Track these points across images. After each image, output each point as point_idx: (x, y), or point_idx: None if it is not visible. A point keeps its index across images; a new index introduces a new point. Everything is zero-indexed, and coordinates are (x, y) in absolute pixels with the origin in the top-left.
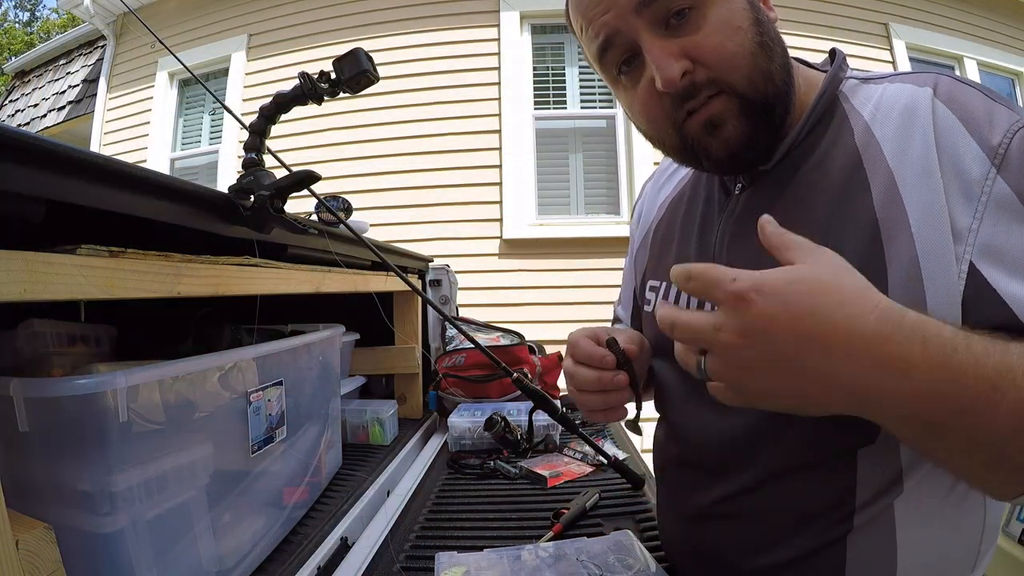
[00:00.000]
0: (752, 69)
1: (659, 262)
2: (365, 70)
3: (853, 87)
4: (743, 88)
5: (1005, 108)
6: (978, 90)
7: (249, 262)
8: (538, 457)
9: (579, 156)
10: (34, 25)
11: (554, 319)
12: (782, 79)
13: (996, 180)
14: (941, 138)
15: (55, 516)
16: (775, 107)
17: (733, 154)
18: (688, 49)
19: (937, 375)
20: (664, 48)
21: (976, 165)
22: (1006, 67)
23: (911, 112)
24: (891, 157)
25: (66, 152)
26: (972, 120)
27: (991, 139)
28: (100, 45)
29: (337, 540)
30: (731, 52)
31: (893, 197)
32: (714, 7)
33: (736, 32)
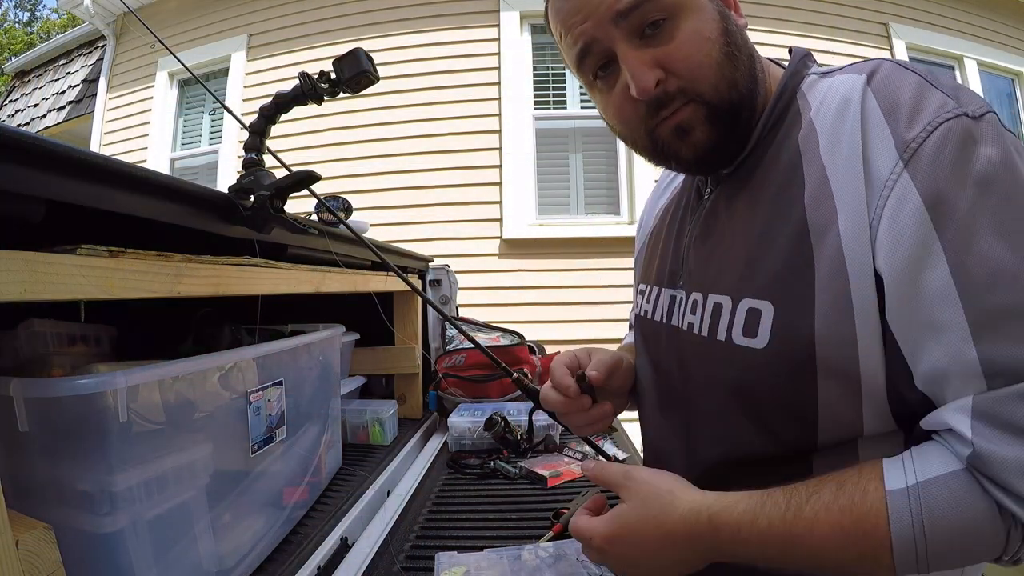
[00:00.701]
0: (719, 78)
1: (647, 268)
2: (365, 70)
3: (812, 83)
4: (710, 96)
5: (939, 96)
6: (917, 75)
7: (249, 262)
8: (538, 457)
9: (579, 156)
10: (34, 25)
11: (554, 319)
12: (747, 85)
13: (901, 176)
14: (867, 131)
15: (55, 516)
16: (740, 112)
17: (700, 158)
18: (661, 59)
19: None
20: (639, 58)
21: (886, 160)
22: (1006, 67)
23: (845, 104)
24: (824, 152)
25: (66, 152)
26: (895, 110)
27: (907, 132)
28: (100, 45)
29: (337, 540)
30: (699, 63)
31: (824, 192)
32: (686, 19)
33: (705, 43)
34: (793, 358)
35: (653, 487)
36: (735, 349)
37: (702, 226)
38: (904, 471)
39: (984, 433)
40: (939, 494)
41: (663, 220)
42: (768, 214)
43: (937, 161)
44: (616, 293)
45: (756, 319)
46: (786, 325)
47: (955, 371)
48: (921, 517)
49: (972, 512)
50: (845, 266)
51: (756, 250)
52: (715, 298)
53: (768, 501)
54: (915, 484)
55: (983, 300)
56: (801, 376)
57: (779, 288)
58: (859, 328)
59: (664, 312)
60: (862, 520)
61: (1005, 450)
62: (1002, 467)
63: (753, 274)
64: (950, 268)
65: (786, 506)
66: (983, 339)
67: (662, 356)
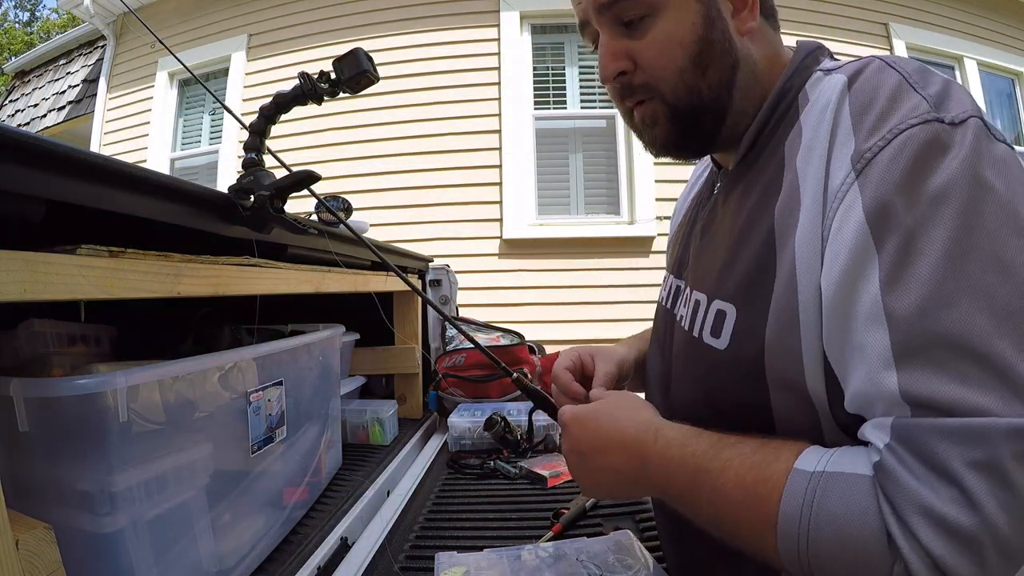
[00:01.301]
0: (677, 83)
1: (671, 257)
2: (365, 70)
3: (816, 80)
4: (669, 98)
5: (914, 99)
6: (900, 75)
7: (249, 262)
8: (538, 457)
9: (579, 156)
10: (34, 25)
11: (554, 319)
12: (712, 94)
13: (851, 188)
14: (834, 136)
15: (55, 516)
16: (701, 117)
17: (664, 148)
18: (631, 52)
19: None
20: (609, 47)
21: (841, 170)
22: (1006, 67)
23: (825, 107)
24: (800, 158)
25: (66, 152)
26: (862, 116)
27: (865, 141)
28: (100, 45)
29: (337, 540)
30: (661, 65)
31: (793, 201)
32: (662, 20)
33: (673, 47)
34: (747, 363)
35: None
36: (703, 347)
37: (704, 221)
38: (819, 458)
39: (896, 451)
40: (837, 489)
41: (689, 211)
42: (749, 217)
43: (889, 172)
44: (616, 293)
45: (722, 320)
46: (744, 330)
47: (877, 397)
48: (812, 504)
49: (861, 521)
50: (796, 279)
51: (732, 253)
52: (696, 294)
53: (703, 435)
54: (821, 472)
55: (910, 326)
56: (754, 382)
57: (743, 293)
58: (804, 343)
59: (671, 301)
60: (762, 483)
61: (909, 476)
62: (902, 491)
63: (727, 275)
64: (881, 288)
65: (713, 443)
66: (906, 367)
67: (663, 342)
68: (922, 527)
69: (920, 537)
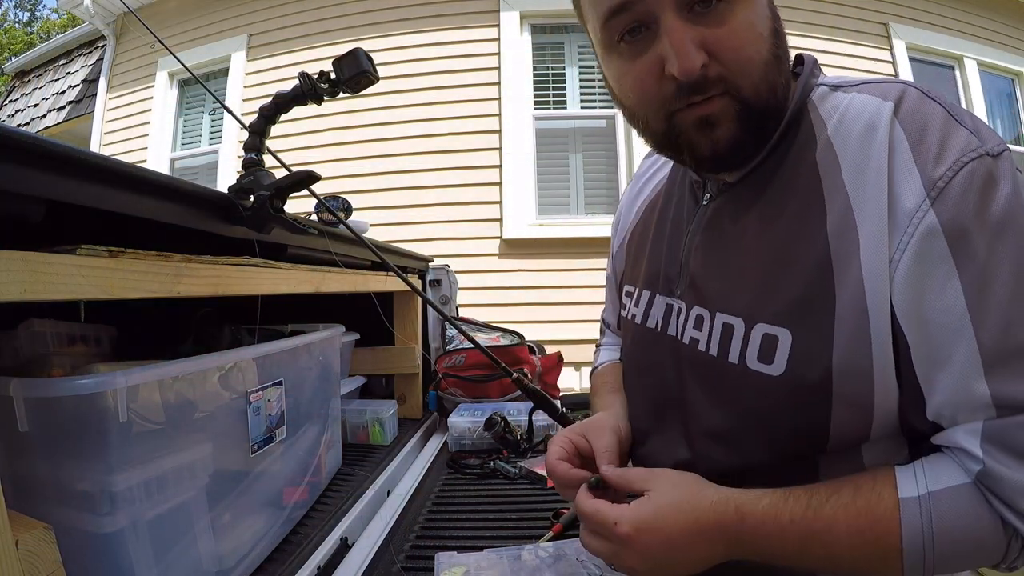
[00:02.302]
0: (762, 79)
1: (634, 268)
2: (365, 70)
3: (823, 95)
4: (748, 94)
5: (965, 132)
6: (943, 107)
7: (249, 262)
8: (538, 457)
9: (579, 156)
10: (34, 25)
11: (554, 319)
12: (784, 93)
13: (928, 214)
14: (893, 161)
15: (55, 516)
16: (769, 117)
17: (718, 154)
18: (709, 42)
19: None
20: (687, 35)
21: (913, 196)
22: (1006, 67)
23: (871, 130)
24: (848, 180)
25: (66, 152)
26: (922, 145)
27: (934, 170)
28: (100, 45)
29: (337, 540)
30: (748, 57)
31: (847, 222)
32: (743, 6)
33: (758, 39)
34: (809, 387)
35: (682, 476)
36: (749, 374)
37: (704, 235)
38: (916, 480)
39: (993, 454)
40: (949, 504)
41: (649, 216)
42: (786, 237)
43: (963, 201)
44: None
45: (772, 345)
46: (804, 354)
47: (966, 404)
48: (931, 525)
49: (978, 523)
50: (865, 300)
51: (772, 274)
52: (725, 318)
53: (790, 498)
54: (926, 494)
55: (996, 338)
56: (816, 403)
57: (798, 316)
58: (875, 363)
59: (659, 320)
60: (877, 523)
61: (1011, 471)
62: (1008, 486)
63: (769, 298)
64: (967, 306)
65: (807, 503)
66: (994, 375)
67: (658, 365)
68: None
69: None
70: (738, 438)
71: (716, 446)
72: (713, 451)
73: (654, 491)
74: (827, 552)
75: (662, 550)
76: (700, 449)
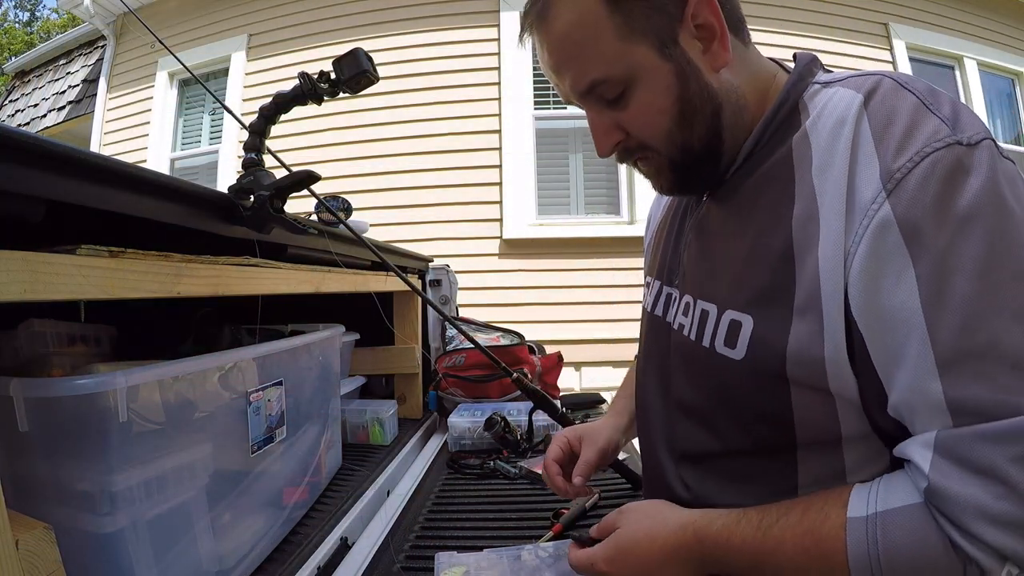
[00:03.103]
0: (668, 144)
1: (651, 261)
2: (365, 70)
3: (813, 92)
4: (667, 155)
5: (935, 121)
6: (916, 96)
7: (249, 262)
8: (538, 457)
9: (579, 156)
10: (34, 25)
11: (554, 319)
12: (703, 144)
13: (883, 206)
14: (856, 156)
15: (55, 516)
16: (698, 166)
17: (672, 191)
18: (621, 122)
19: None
20: (598, 125)
21: (869, 188)
22: (1006, 67)
23: (840, 124)
24: (816, 174)
25: (66, 152)
26: (886, 136)
27: (894, 161)
28: (100, 45)
29: (337, 540)
30: (650, 133)
31: (811, 214)
32: (639, 89)
33: (655, 115)
34: (767, 371)
35: (644, 509)
36: (716, 357)
37: (696, 229)
38: (868, 499)
39: (942, 469)
40: (896, 525)
41: (668, 214)
42: (758, 228)
43: (920, 193)
44: (616, 293)
45: (736, 331)
46: (762, 340)
47: (921, 404)
48: (877, 546)
49: (926, 545)
50: (820, 291)
51: (744, 262)
52: (703, 304)
53: (743, 520)
54: (874, 514)
55: (952, 338)
56: (775, 387)
57: (760, 303)
58: (827, 352)
59: (662, 308)
60: (822, 543)
61: (960, 488)
62: (955, 504)
63: (740, 287)
64: (922, 304)
65: (758, 525)
66: (949, 376)
67: (658, 349)
68: (982, 527)
69: (983, 537)
70: (711, 418)
71: (693, 426)
72: (693, 431)
73: (621, 527)
74: (777, 570)
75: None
76: (680, 429)
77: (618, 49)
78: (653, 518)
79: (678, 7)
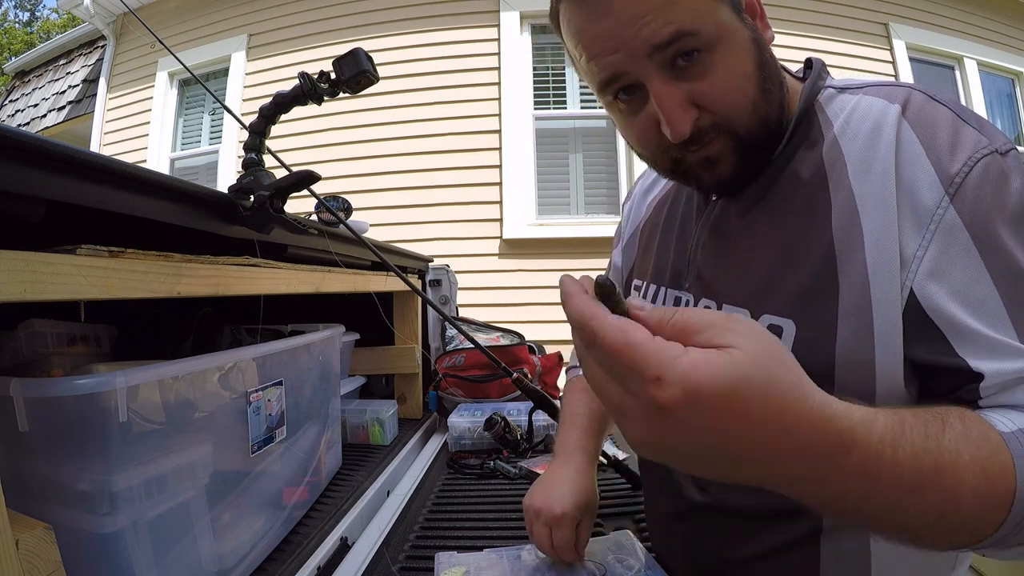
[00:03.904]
0: (752, 117)
1: (642, 263)
2: (365, 70)
3: (830, 96)
4: (743, 132)
5: (974, 131)
6: (949, 109)
7: (249, 262)
8: (538, 457)
9: (579, 156)
10: (34, 25)
11: (554, 319)
12: (777, 119)
13: (948, 209)
14: (902, 161)
15: (55, 516)
16: (767, 144)
17: (723, 184)
18: (696, 96)
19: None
20: (673, 97)
21: (931, 192)
22: (1006, 67)
23: (878, 130)
24: (854, 178)
25: (66, 152)
26: (934, 144)
27: (949, 167)
28: (100, 45)
29: (337, 540)
30: (735, 103)
31: (852, 219)
32: (722, 52)
33: (742, 80)
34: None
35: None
36: None
37: (711, 231)
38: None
39: None
40: None
41: (658, 214)
42: (792, 232)
43: (980, 195)
44: None
45: (778, 335)
46: (807, 345)
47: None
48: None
49: None
50: (870, 294)
51: (778, 267)
52: (730, 308)
53: (906, 423)
54: (1019, 430)
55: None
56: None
57: (802, 308)
58: (878, 355)
59: None
60: (995, 457)
61: None
62: None
63: (775, 290)
64: (999, 292)
65: (926, 432)
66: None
67: None
68: None
69: None
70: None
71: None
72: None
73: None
74: (944, 497)
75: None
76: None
77: (708, 3)
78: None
79: None
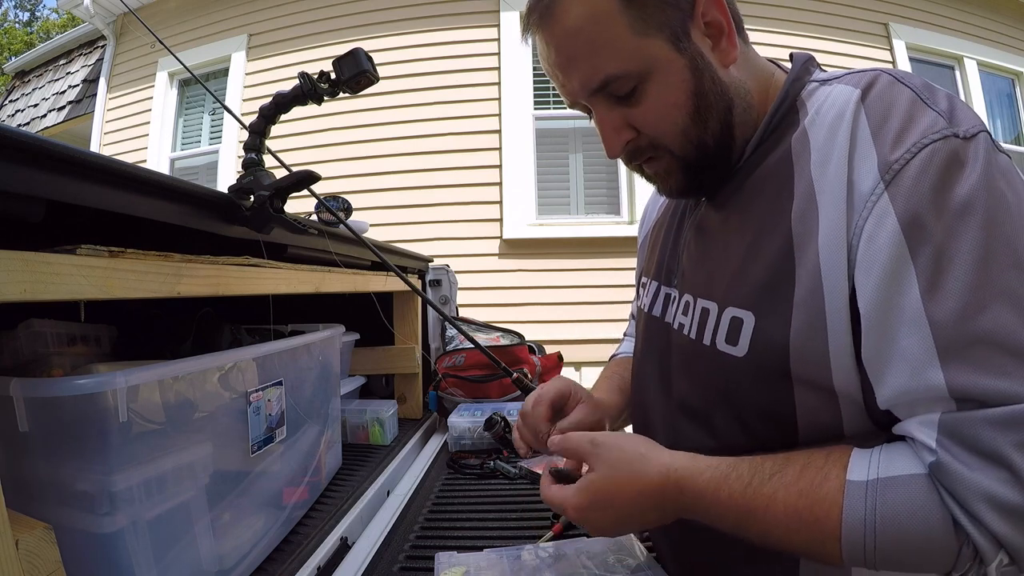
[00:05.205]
0: (683, 143)
1: (648, 261)
2: (365, 70)
3: (812, 90)
4: (678, 152)
5: (930, 115)
6: (912, 90)
7: (249, 262)
8: (538, 457)
9: (579, 156)
10: (34, 25)
11: (554, 319)
12: (716, 141)
13: (882, 196)
14: (854, 148)
15: (55, 516)
16: (711, 165)
17: (680, 194)
18: (631, 119)
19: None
20: (609, 122)
21: (868, 178)
22: (1006, 67)
23: (839, 118)
24: (815, 167)
25: (66, 152)
26: (883, 129)
27: (891, 153)
28: (100, 45)
29: (337, 540)
30: (664, 130)
31: (810, 207)
32: (653, 83)
33: (670, 110)
34: (769, 368)
35: (623, 452)
36: (718, 354)
37: (695, 229)
38: (869, 464)
39: (949, 448)
40: (897, 493)
41: (665, 214)
42: (758, 225)
43: (918, 184)
44: (616, 293)
45: (738, 328)
46: (764, 336)
47: (922, 392)
48: (875, 512)
49: (926, 518)
50: (821, 283)
51: (745, 260)
52: (703, 303)
53: (732, 473)
54: (876, 479)
55: (953, 325)
56: (778, 385)
57: (761, 299)
58: (831, 345)
59: (660, 308)
60: (816, 505)
61: (967, 469)
62: (962, 484)
63: (740, 283)
64: (921, 295)
65: (749, 480)
66: (950, 364)
67: (657, 349)
68: (985, 512)
69: (985, 521)
70: (709, 418)
71: (691, 425)
72: (690, 431)
73: (595, 471)
74: (763, 529)
75: (612, 518)
76: (680, 429)
77: (633, 44)
78: (631, 464)
79: (689, 2)
